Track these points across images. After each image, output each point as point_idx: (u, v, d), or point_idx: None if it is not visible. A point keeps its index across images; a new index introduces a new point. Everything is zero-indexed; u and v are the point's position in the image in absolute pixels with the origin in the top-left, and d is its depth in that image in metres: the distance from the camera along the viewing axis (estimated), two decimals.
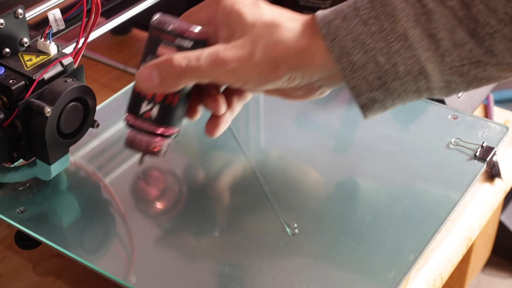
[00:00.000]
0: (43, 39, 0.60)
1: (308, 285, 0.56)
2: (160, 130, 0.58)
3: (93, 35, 0.69)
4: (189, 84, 0.55)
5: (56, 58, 0.60)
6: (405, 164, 0.67)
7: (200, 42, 0.56)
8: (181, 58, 0.54)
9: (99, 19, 0.60)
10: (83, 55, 0.61)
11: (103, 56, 0.94)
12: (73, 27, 0.61)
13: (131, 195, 0.64)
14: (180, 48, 0.56)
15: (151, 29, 0.57)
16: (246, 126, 0.73)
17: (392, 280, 0.56)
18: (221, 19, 0.56)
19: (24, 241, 0.62)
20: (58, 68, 0.59)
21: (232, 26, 0.55)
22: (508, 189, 0.74)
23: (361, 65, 0.52)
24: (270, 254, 0.59)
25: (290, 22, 0.54)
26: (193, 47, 0.56)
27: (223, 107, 0.58)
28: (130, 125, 0.58)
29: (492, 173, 0.71)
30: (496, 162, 0.70)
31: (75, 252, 0.58)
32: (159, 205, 0.64)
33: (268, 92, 0.58)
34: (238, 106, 0.60)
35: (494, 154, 0.68)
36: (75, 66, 0.61)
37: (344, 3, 0.54)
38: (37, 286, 0.64)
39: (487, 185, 0.71)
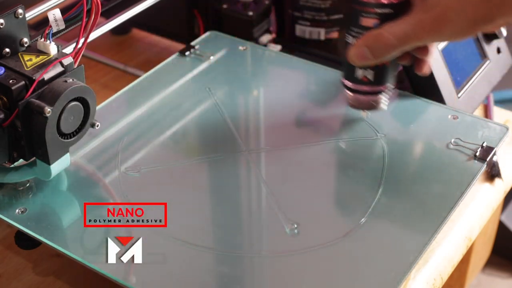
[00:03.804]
0: (43, 39, 0.60)
1: (308, 285, 0.56)
2: (377, 89, 0.67)
3: (93, 35, 0.69)
4: (399, 53, 0.62)
5: (56, 58, 0.60)
6: (405, 164, 0.67)
7: (402, 5, 0.62)
8: (390, 35, 0.61)
9: (99, 19, 0.60)
10: (83, 55, 0.61)
11: (103, 56, 0.94)
12: (73, 27, 0.61)
13: (130, 195, 0.64)
14: (382, 16, 0.62)
15: (349, 2, 0.64)
16: (246, 126, 0.73)
17: (392, 280, 0.56)
18: None
19: (24, 241, 0.61)
20: (58, 68, 0.59)
21: None
22: (508, 189, 0.74)
23: None
24: (270, 254, 0.59)
25: None
26: (395, 12, 0.62)
27: (431, 54, 0.66)
28: (349, 88, 0.68)
29: (492, 173, 0.71)
30: (496, 162, 0.70)
31: (75, 252, 0.58)
32: (158, 205, 0.64)
33: None
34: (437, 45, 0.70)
35: (494, 154, 0.68)
36: (75, 66, 0.61)
37: None
38: (37, 286, 0.64)
39: (487, 185, 0.71)
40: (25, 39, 0.60)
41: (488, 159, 0.66)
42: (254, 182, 0.65)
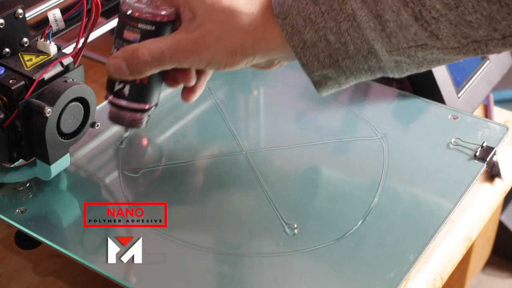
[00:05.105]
0: (43, 39, 0.60)
1: (308, 285, 0.56)
2: (135, 106, 0.61)
3: (93, 35, 0.69)
4: (156, 71, 0.58)
5: (56, 58, 0.60)
6: (405, 164, 0.67)
7: (165, 24, 0.58)
8: (146, 52, 0.57)
9: (99, 19, 0.60)
10: (83, 55, 0.61)
11: (103, 56, 0.94)
12: (73, 27, 0.61)
13: (130, 195, 0.64)
14: (143, 32, 0.58)
15: (119, 13, 0.60)
16: (246, 126, 0.73)
17: (392, 280, 0.56)
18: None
19: (24, 241, 0.61)
20: (58, 68, 0.59)
21: (193, 8, 0.57)
22: (508, 189, 0.74)
23: (312, 43, 0.54)
24: (270, 254, 0.59)
25: (248, 6, 0.56)
26: (157, 30, 0.58)
27: (193, 80, 0.61)
28: (109, 101, 0.62)
29: (492, 173, 0.71)
30: (496, 162, 0.70)
31: (75, 252, 0.58)
32: (158, 205, 0.64)
33: None
34: (208, 76, 0.63)
35: (494, 154, 0.68)
36: (75, 66, 0.61)
37: None
38: (37, 286, 0.64)
39: (487, 185, 0.71)
40: (25, 39, 0.60)
41: (488, 159, 0.66)
42: (254, 182, 0.65)
